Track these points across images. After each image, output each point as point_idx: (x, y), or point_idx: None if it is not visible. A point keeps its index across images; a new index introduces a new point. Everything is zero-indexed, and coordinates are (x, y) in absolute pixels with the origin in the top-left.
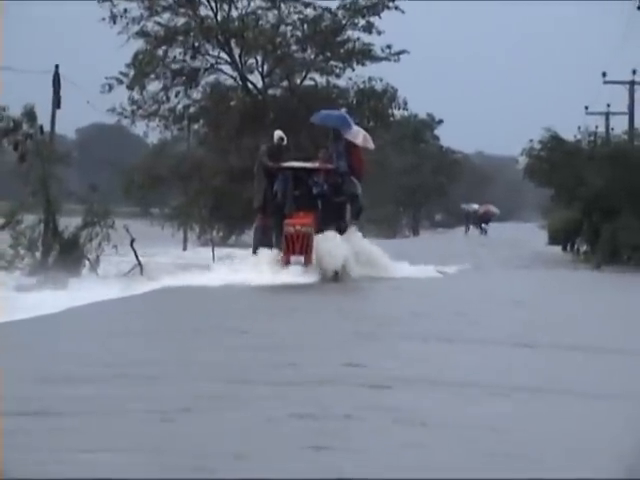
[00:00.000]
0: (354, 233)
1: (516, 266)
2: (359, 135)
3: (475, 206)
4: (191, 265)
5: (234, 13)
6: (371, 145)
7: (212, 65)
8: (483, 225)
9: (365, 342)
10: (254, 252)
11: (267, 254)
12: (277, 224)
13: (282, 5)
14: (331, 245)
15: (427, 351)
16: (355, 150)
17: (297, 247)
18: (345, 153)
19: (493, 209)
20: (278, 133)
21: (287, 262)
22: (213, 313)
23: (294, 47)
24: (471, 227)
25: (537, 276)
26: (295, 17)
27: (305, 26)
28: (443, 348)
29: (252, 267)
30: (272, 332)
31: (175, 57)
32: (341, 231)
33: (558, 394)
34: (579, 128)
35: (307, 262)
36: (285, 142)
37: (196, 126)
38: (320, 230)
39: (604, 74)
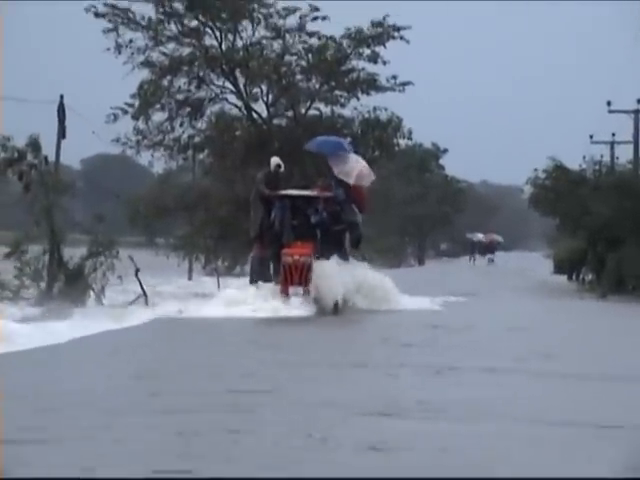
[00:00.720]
0: (356, 263)
1: (521, 295)
2: (352, 172)
3: (480, 235)
4: (193, 295)
5: (239, 43)
6: (367, 182)
7: (217, 95)
8: (489, 255)
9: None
10: (251, 283)
11: (265, 285)
12: (275, 254)
13: (287, 35)
14: (331, 276)
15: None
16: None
17: (296, 278)
18: (341, 182)
19: (497, 238)
20: (275, 160)
21: (285, 293)
22: (199, 348)
23: (299, 76)
24: (477, 256)
25: (542, 305)
26: (300, 47)
27: (310, 55)
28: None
29: (249, 299)
30: (250, 373)
31: (180, 87)
32: (341, 260)
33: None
34: (584, 157)
35: (306, 293)
36: (282, 169)
37: (201, 156)
38: (319, 260)
39: (609, 103)
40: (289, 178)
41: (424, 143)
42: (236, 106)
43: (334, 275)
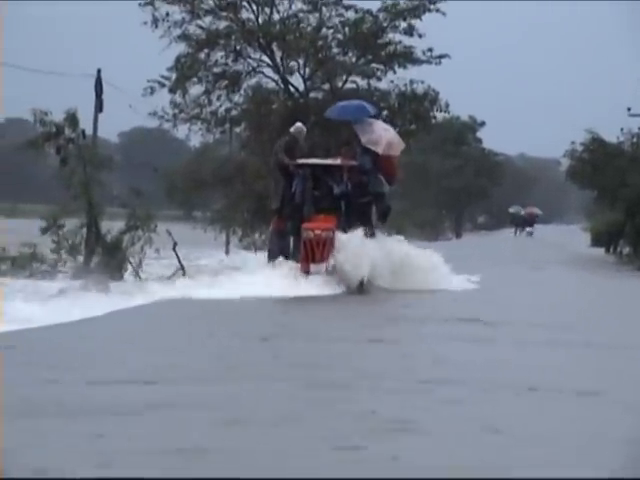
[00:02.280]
0: (385, 237)
1: (560, 269)
2: (380, 140)
3: (521, 209)
4: (230, 270)
5: (275, 16)
6: (397, 151)
7: (254, 68)
8: (528, 228)
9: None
10: (269, 260)
11: (284, 262)
12: (295, 228)
13: (323, 8)
14: (356, 251)
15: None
16: (381, 155)
17: (317, 254)
18: (368, 150)
19: (537, 211)
20: (298, 125)
21: (306, 271)
22: (197, 333)
23: (335, 50)
24: (519, 229)
25: (581, 280)
26: (336, 20)
27: (346, 29)
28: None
29: (267, 277)
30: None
31: (217, 60)
32: (367, 235)
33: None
34: (622, 130)
35: (328, 271)
36: (303, 135)
37: (238, 129)
38: (343, 234)
39: None
40: (326, 151)
41: (461, 116)
42: (273, 79)
43: (359, 251)
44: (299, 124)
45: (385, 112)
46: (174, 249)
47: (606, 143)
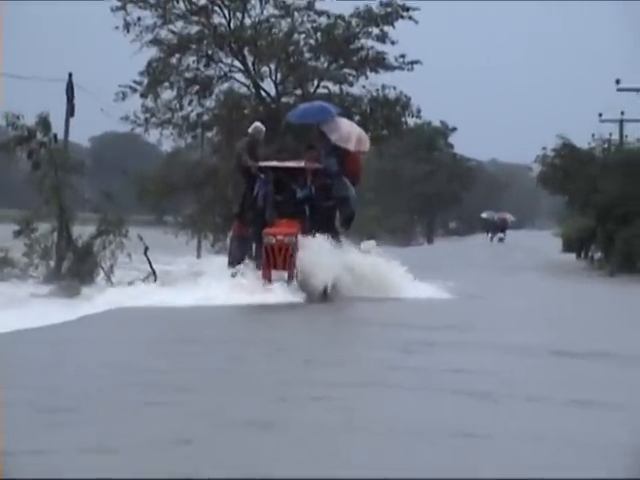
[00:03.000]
0: (349, 244)
1: (533, 275)
2: (350, 137)
3: (494, 214)
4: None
5: (247, 21)
6: (366, 146)
7: (225, 73)
8: (499, 234)
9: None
10: (230, 266)
11: (245, 269)
12: (257, 233)
13: (295, 13)
14: (319, 258)
15: None
16: (348, 152)
17: (279, 261)
18: (336, 153)
19: (509, 217)
20: (256, 126)
21: (268, 278)
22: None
23: (307, 55)
24: (490, 235)
25: (554, 285)
26: (308, 25)
27: (318, 34)
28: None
29: (227, 284)
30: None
31: (189, 65)
32: (331, 241)
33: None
34: (593, 135)
35: (290, 278)
36: (262, 135)
37: (210, 134)
38: (306, 240)
39: (617, 81)
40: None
41: (433, 121)
42: (244, 84)
43: (323, 257)
44: (257, 124)
45: (357, 117)
46: (145, 254)
47: (577, 149)
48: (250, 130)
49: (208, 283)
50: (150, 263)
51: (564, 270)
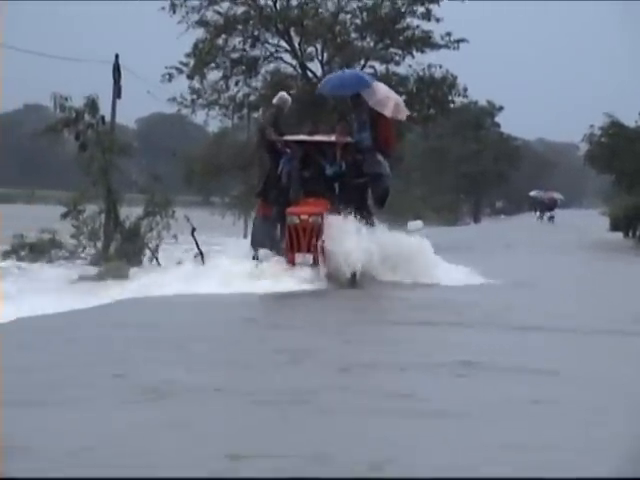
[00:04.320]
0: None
1: (580, 254)
2: (388, 103)
3: (543, 193)
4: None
5: (293, 1)
6: (403, 115)
7: (271, 54)
8: (549, 213)
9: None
10: (253, 249)
11: (267, 253)
12: (280, 213)
13: None
14: (348, 240)
15: None
16: (383, 119)
17: (303, 243)
18: (370, 123)
19: (557, 195)
20: (281, 95)
21: (291, 262)
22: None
23: (353, 35)
24: (539, 214)
25: (599, 265)
26: (354, 5)
27: (364, 14)
28: None
29: (247, 271)
30: None
31: (235, 46)
32: (363, 220)
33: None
34: None
35: (316, 262)
36: (288, 105)
37: (256, 114)
38: (334, 220)
39: None
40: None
41: (479, 101)
42: (291, 65)
43: (352, 239)
44: (282, 93)
45: (403, 97)
46: (192, 234)
47: (625, 127)
48: (275, 101)
49: (225, 268)
50: (197, 244)
51: (611, 249)
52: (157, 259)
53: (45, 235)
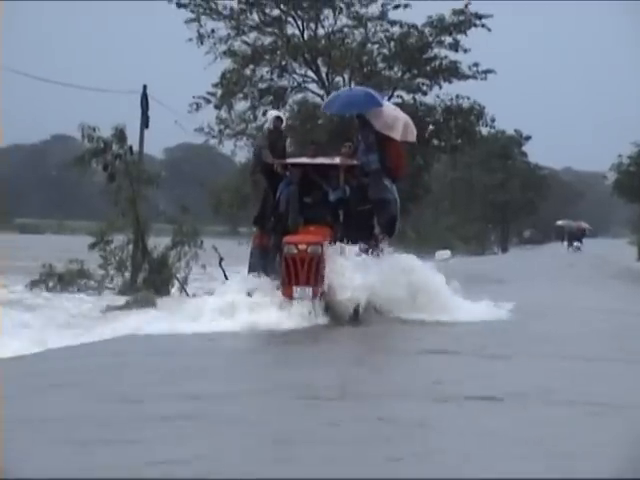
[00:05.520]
0: (393, 253)
1: (606, 285)
2: (396, 124)
3: (571, 223)
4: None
5: (320, 32)
6: (413, 137)
7: (299, 84)
8: (576, 243)
9: None
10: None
11: (263, 286)
12: (278, 243)
13: (368, 23)
14: (350, 272)
15: None
16: (392, 142)
17: (301, 275)
18: (378, 144)
19: (586, 225)
20: (273, 113)
21: (288, 296)
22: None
23: (381, 65)
24: (565, 243)
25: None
26: (382, 35)
27: (392, 44)
28: None
29: (239, 307)
30: None
31: (262, 76)
32: (369, 250)
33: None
34: None
35: (316, 295)
36: (282, 125)
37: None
38: (335, 250)
39: None
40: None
41: (507, 130)
42: (318, 94)
43: (356, 271)
44: (274, 111)
45: (431, 127)
46: (220, 265)
47: None
48: (268, 123)
49: (215, 304)
50: (225, 274)
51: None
52: (185, 290)
53: (73, 265)
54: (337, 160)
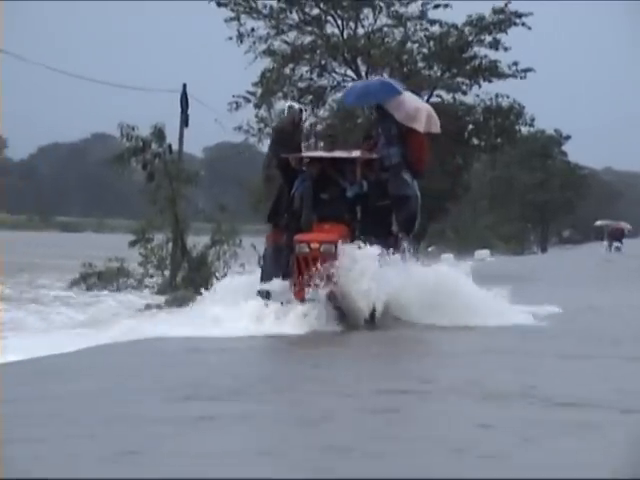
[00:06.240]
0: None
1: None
2: (419, 115)
3: (611, 223)
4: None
5: (360, 31)
6: (437, 127)
7: (339, 83)
8: (616, 243)
9: None
10: (262, 283)
11: (278, 287)
12: (291, 241)
13: (408, 23)
14: (368, 273)
15: None
16: (414, 134)
17: (314, 276)
18: (399, 136)
19: (626, 226)
20: (291, 105)
21: (300, 298)
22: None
23: (420, 64)
24: (605, 243)
25: None
26: (421, 34)
27: (431, 43)
28: None
29: (248, 310)
30: None
31: (302, 75)
32: (388, 250)
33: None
34: None
35: (330, 297)
36: (299, 117)
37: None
38: (350, 249)
39: None
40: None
41: (546, 130)
42: None
43: (372, 272)
44: (291, 103)
45: (470, 126)
46: (259, 263)
47: None
48: (285, 114)
49: (225, 307)
50: None
51: None
52: None
53: (113, 263)
54: (355, 154)
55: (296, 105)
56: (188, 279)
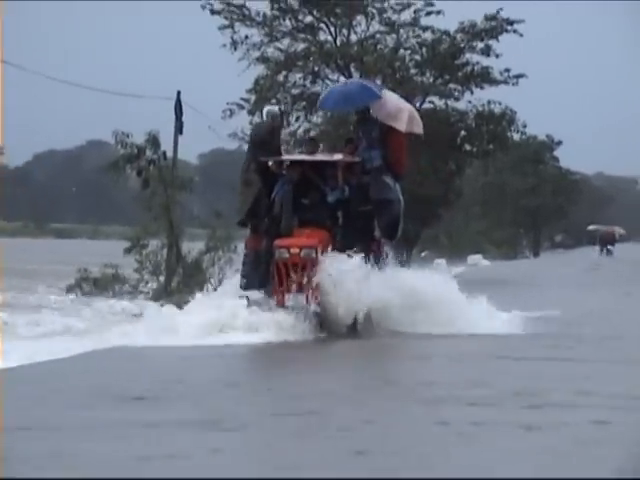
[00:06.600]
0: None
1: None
2: (401, 115)
3: (602, 227)
4: None
5: (353, 38)
6: (420, 128)
7: None
8: (608, 246)
9: None
10: (244, 289)
11: (257, 294)
12: (270, 247)
13: (400, 30)
14: (347, 279)
15: None
16: (395, 135)
17: (294, 281)
18: (380, 139)
19: (619, 230)
20: (270, 109)
21: (281, 304)
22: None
23: (413, 70)
24: (597, 248)
25: None
26: (414, 41)
27: (424, 50)
28: None
29: (226, 317)
30: None
31: (295, 82)
32: (370, 256)
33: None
34: None
35: (310, 304)
36: (278, 121)
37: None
38: (331, 254)
39: None
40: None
41: (538, 135)
42: None
43: (354, 278)
44: (270, 107)
45: (463, 132)
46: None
47: None
48: (265, 117)
49: (201, 319)
50: None
51: None
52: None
53: (108, 270)
54: (336, 157)
55: (275, 108)
56: (183, 284)
